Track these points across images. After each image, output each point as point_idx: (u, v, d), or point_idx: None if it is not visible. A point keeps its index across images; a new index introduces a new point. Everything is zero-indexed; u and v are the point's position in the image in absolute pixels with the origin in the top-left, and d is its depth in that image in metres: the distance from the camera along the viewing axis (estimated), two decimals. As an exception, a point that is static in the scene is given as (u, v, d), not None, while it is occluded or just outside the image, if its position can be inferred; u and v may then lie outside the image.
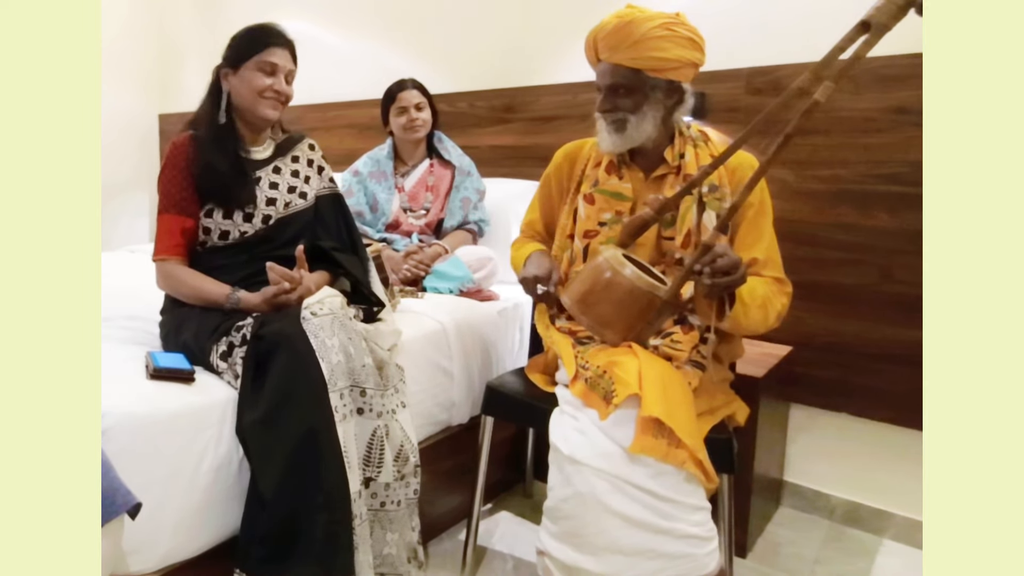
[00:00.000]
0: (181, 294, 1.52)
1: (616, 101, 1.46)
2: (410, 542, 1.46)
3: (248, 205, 1.53)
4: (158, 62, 4.04)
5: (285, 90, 1.57)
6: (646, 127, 1.46)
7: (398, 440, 1.44)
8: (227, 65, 1.56)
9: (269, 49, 1.54)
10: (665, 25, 1.39)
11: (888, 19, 1.10)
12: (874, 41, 1.12)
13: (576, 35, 2.45)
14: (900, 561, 1.80)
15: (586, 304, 1.36)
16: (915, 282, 1.80)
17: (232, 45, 1.57)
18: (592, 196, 1.54)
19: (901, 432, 1.86)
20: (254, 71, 1.53)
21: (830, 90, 1.14)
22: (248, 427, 1.28)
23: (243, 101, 1.55)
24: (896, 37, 1.80)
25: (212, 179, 1.51)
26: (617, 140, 1.48)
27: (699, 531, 1.21)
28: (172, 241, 1.51)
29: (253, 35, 1.56)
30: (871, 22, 1.11)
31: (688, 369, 1.41)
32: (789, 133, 1.18)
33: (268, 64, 1.53)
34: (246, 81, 1.53)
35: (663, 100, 1.46)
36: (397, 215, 2.33)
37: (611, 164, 1.54)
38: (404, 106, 2.33)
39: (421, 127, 2.34)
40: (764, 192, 1.47)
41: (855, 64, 1.13)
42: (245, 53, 1.54)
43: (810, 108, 1.16)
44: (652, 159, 1.52)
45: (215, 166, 1.51)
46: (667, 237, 1.48)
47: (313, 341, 1.32)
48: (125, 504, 1.03)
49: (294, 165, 1.64)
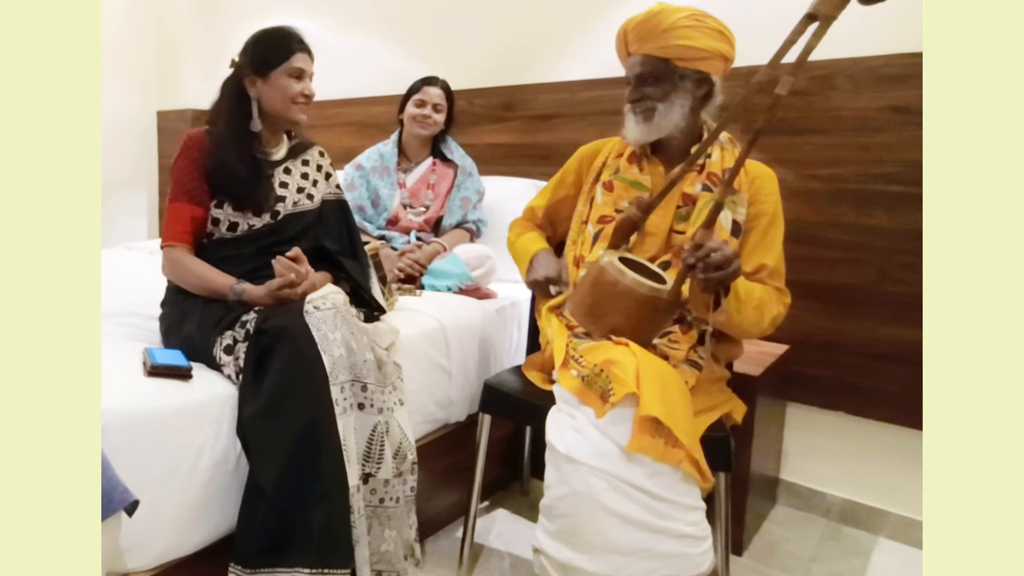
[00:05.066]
0: (186, 282, 1.53)
1: (644, 90, 1.47)
2: (407, 539, 1.47)
3: (266, 205, 1.56)
4: (157, 59, 4.03)
5: (312, 92, 1.61)
6: (674, 116, 1.46)
7: (397, 437, 1.44)
8: (254, 72, 1.57)
9: (296, 55, 1.57)
10: (694, 16, 1.42)
11: (832, 10, 1.15)
12: (822, 32, 1.16)
13: (575, 33, 2.46)
14: (895, 559, 1.80)
15: (594, 316, 1.37)
16: (912, 281, 1.80)
17: (257, 52, 1.58)
18: (611, 183, 1.56)
19: (897, 431, 1.87)
20: (285, 78, 1.56)
21: (789, 83, 1.18)
22: (248, 419, 1.28)
23: (274, 106, 1.58)
24: (894, 37, 1.81)
25: (231, 181, 1.53)
26: (645, 129, 1.48)
27: (694, 531, 1.21)
28: (181, 228, 1.53)
29: (278, 42, 1.58)
30: (817, 14, 1.16)
31: (685, 368, 1.41)
32: (759, 128, 1.22)
33: (297, 70, 1.57)
34: (278, 88, 1.56)
35: (692, 91, 1.46)
36: (397, 211, 2.34)
37: (633, 155, 1.55)
38: (424, 100, 2.34)
39: (431, 126, 2.35)
40: (779, 204, 1.49)
41: (807, 55, 1.18)
42: (274, 60, 1.56)
43: (774, 103, 1.20)
44: (675, 155, 1.53)
45: (234, 169, 1.53)
46: (678, 231, 1.49)
47: (315, 334, 1.33)
48: (122, 501, 1.03)
49: (304, 168, 1.67)
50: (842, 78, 1.87)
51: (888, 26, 1.81)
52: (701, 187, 1.48)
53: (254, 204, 1.55)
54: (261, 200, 1.56)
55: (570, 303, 1.44)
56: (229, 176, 1.53)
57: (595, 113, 2.38)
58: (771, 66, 1.22)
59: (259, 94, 1.58)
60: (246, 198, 1.54)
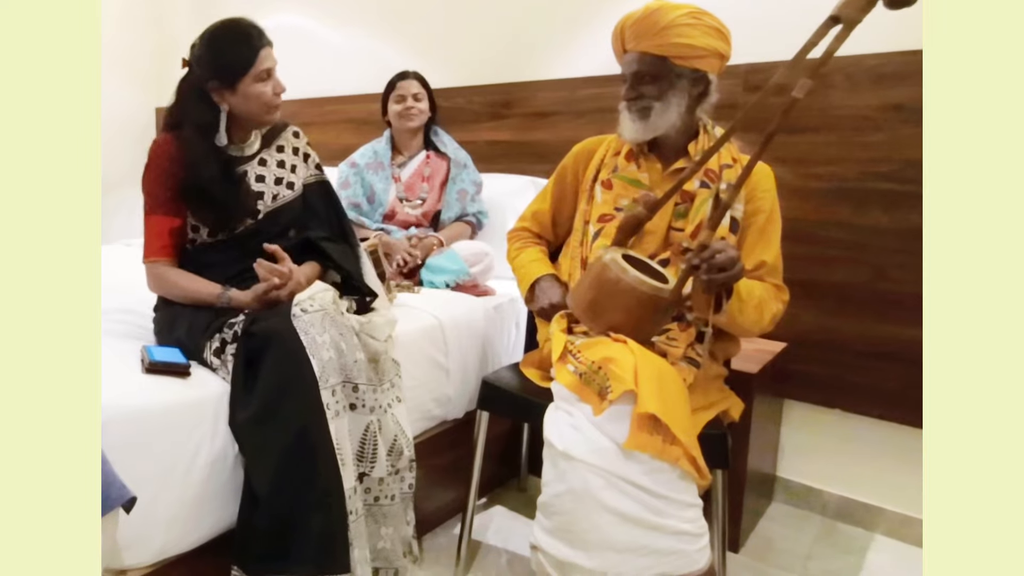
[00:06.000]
0: (172, 295, 1.51)
1: (641, 89, 1.46)
2: (405, 536, 1.47)
3: (243, 218, 1.51)
4: (155, 57, 4.02)
5: (284, 88, 1.54)
6: (670, 115, 1.46)
7: (391, 434, 1.44)
8: (220, 84, 1.47)
9: (260, 54, 1.47)
10: (692, 14, 1.41)
11: (857, 12, 1.11)
12: (845, 35, 1.12)
13: (574, 30, 2.46)
14: (891, 556, 1.81)
15: (594, 312, 1.37)
16: (909, 280, 1.80)
17: (219, 60, 1.47)
18: (610, 182, 1.56)
19: (893, 429, 1.87)
20: (255, 84, 1.48)
21: (808, 86, 1.15)
22: (240, 426, 1.28)
23: (251, 114, 1.51)
24: (892, 35, 1.81)
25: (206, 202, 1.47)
26: (641, 127, 1.48)
27: (691, 528, 1.21)
28: (160, 243, 1.49)
29: (240, 45, 1.47)
30: (840, 16, 1.12)
31: (683, 366, 1.42)
32: (771, 131, 1.20)
33: (265, 72, 1.48)
34: (251, 98, 1.48)
35: (688, 89, 1.46)
36: (393, 204, 2.35)
37: (630, 153, 1.55)
38: (403, 94, 2.37)
39: (416, 116, 2.37)
40: (775, 201, 1.49)
41: (828, 59, 1.14)
42: (239, 68, 1.46)
43: (790, 106, 1.17)
44: (671, 152, 1.53)
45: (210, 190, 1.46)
46: (677, 228, 1.50)
47: (303, 338, 1.32)
48: (120, 498, 1.03)
49: (279, 155, 1.61)
50: (840, 76, 1.88)
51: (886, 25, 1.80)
52: (699, 184, 1.48)
53: (230, 223, 1.50)
54: (237, 218, 1.50)
55: (571, 298, 1.44)
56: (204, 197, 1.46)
57: (594, 111, 2.38)
58: (790, 67, 1.19)
59: (228, 104, 1.49)
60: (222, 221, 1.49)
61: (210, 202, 1.47)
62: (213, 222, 1.50)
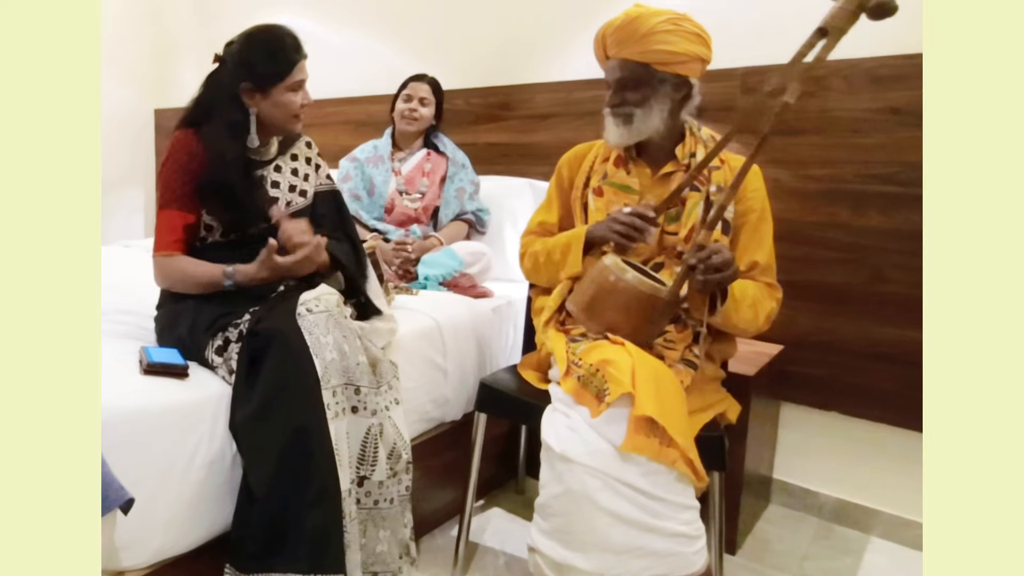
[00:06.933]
0: (179, 284, 1.50)
1: (624, 95, 1.47)
2: (402, 539, 1.47)
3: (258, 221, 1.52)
4: (154, 56, 4.03)
5: (311, 100, 1.57)
6: (653, 120, 1.47)
7: (391, 438, 1.44)
8: (254, 87, 1.49)
9: (297, 67, 1.51)
10: (672, 20, 1.42)
11: (843, 23, 1.19)
12: (832, 44, 1.21)
13: (573, 33, 2.46)
14: (887, 558, 1.81)
15: (592, 311, 1.39)
16: (906, 282, 1.81)
17: (258, 64, 1.49)
18: (601, 189, 1.56)
19: (890, 431, 1.88)
20: (287, 93, 1.50)
21: (798, 91, 1.22)
22: (240, 423, 1.28)
23: (275, 121, 1.53)
24: (889, 38, 1.81)
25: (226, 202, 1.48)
26: (624, 133, 1.49)
27: (688, 529, 1.22)
28: (172, 237, 1.49)
29: (280, 54, 1.49)
30: (827, 28, 1.20)
31: (680, 368, 1.42)
32: (765, 134, 1.26)
33: (298, 83, 1.51)
34: (280, 105, 1.50)
35: (671, 94, 1.47)
36: (392, 197, 2.36)
37: (619, 158, 1.56)
38: (411, 95, 2.40)
39: (417, 120, 2.39)
40: (765, 200, 1.50)
41: (817, 66, 1.23)
42: (274, 76, 1.49)
43: (781, 110, 1.24)
44: (659, 156, 1.54)
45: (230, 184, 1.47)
46: (670, 232, 1.50)
47: (308, 338, 1.32)
48: (118, 499, 1.03)
49: (293, 163, 1.64)
50: (837, 79, 1.88)
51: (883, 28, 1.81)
52: (689, 187, 1.48)
53: (245, 224, 1.51)
54: (252, 220, 1.51)
55: (570, 299, 1.45)
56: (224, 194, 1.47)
57: (592, 113, 2.38)
58: (783, 73, 1.25)
59: (258, 108, 1.51)
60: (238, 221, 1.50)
61: (230, 201, 1.48)
62: (228, 221, 1.50)
